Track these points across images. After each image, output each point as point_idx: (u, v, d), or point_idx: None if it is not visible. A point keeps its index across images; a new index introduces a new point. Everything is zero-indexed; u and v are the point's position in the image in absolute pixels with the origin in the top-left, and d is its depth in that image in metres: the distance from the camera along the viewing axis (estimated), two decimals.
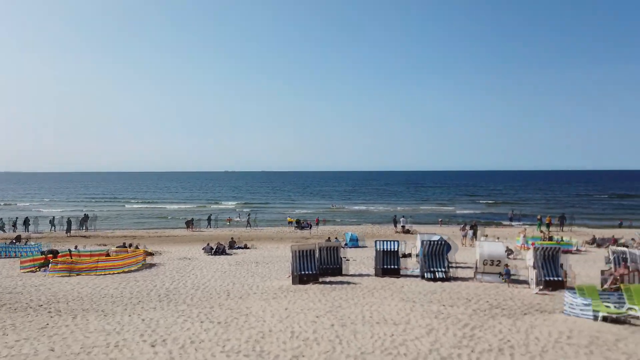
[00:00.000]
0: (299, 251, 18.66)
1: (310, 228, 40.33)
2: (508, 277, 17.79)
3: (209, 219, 46.44)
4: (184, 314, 13.19)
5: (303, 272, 18.24)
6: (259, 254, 27.25)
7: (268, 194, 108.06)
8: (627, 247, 24.42)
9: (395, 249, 20.15)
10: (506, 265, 18.42)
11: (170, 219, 54.55)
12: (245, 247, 30.33)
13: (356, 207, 69.77)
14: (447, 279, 18.47)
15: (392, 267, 19.77)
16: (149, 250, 26.60)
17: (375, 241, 20.79)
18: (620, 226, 42.43)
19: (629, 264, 16.05)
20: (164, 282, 18.54)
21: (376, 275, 19.55)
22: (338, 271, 19.76)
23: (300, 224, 42.34)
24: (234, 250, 28.98)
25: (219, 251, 27.30)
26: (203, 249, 27.99)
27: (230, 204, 76.82)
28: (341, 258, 20.23)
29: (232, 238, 32.11)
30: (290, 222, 44.62)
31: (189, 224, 42.19)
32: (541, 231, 35.75)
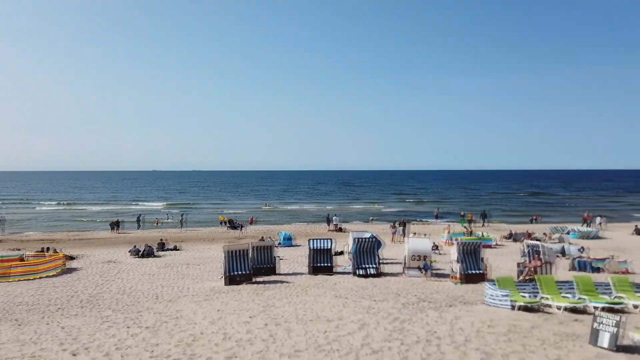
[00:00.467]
0: (232, 251, 18.37)
1: (241, 228, 39.74)
2: (427, 270, 18.61)
3: (138, 220, 44.45)
4: (109, 319, 12.52)
5: (236, 273, 17.98)
6: (190, 256, 26.47)
7: (198, 193, 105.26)
8: (539, 240, 26.44)
9: (328, 247, 20.41)
10: (424, 258, 19.28)
11: (89, 221, 51.43)
12: (175, 248, 29.34)
13: (289, 207, 69.84)
14: (378, 274, 18.98)
15: (325, 264, 20.02)
16: (69, 254, 24.98)
17: (309, 240, 20.91)
18: (532, 222, 45.79)
19: (541, 256, 17.35)
20: (87, 287, 17.49)
21: (310, 273, 19.69)
22: (272, 270, 19.67)
23: (232, 224, 41.65)
24: (164, 252, 27.94)
25: (147, 253, 26.21)
26: (129, 251, 26.74)
27: (157, 205, 73.92)
28: (275, 257, 20.16)
29: (161, 239, 30.94)
30: (222, 222, 43.79)
31: (114, 225, 40.12)
32: (465, 227, 37.79)
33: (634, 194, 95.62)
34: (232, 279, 17.77)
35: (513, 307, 12.57)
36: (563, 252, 24.51)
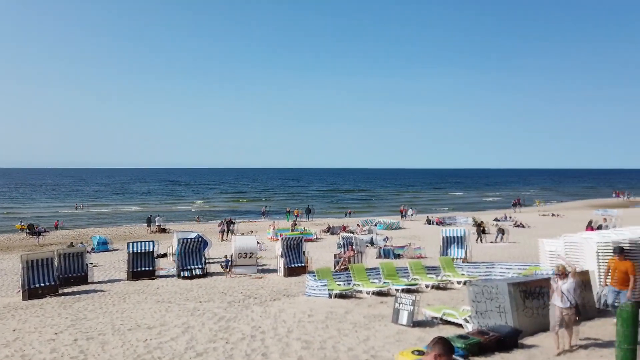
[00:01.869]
0: (32, 261, 16.06)
1: (39, 236, 34.29)
2: (227, 267, 19.08)
3: None
4: None
5: (37, 285, 15.77)
6: None
7: None
8: (353, 233, 29.17)
9: (150, 250, 19.33)
10: (225, 256, 19.86)
11: None
12: None
13: (104, 209, 63.66)
14: (204, 275, 18.66)
15: (147, 268, 18.91)
16: None
17: (128, 243, 19.49)
18: (347, 216, 50.30)
19: (354, 247, 19.18)
20: None
21: (129, 279, 18.36)
22: (83, 279, 17.80)
23: (33, 230, 36.18)
24: None
25: None
26: None
27: None
28: (87, 264, 18.29)
29: None
30: (21, 229, 37.76)
31: None
32: (294, 223, 39.53)
33: (434, 190, 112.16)
34: (32, 293, 15.53)
35: (330, 296, 13.63)
36: (372, 242, 27.47)
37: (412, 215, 46.63)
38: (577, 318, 8.21)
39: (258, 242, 25.88)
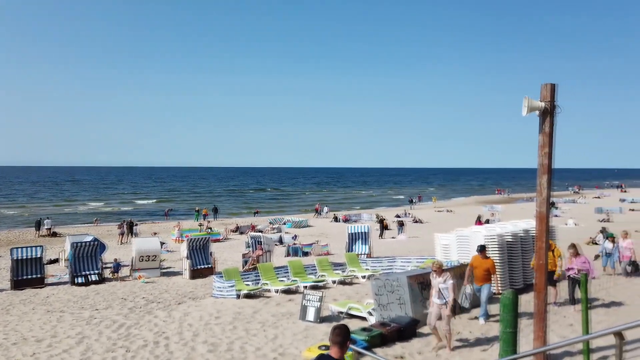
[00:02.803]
0: None
1: None
2: (117, 271, 18.34)
3: None
4: None
5: None
6: None
7: None
8: (262, 232, 29.10)
9: (38, 256, 17.68)
10: (115, 259, 19.13)
11: None
12: None
13: None
14: (101, 280, 17.49)
15: (34, 276, 17.25)
16: None
17: (11, 249, 17.67)
18: (255, 215, 50.01)
19: (263, 246, 19.14)
20: None
21: (12, 288, 16.63)
22: None
23: None
24: None
25: None
26: None
27: None
28: None
29: None
30: None
31: None
32: (201, 223, 38.35)
33: (345, 188, 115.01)
34: None
35: (238, 296, 13.48)
36: (280, 241, 27.61)
37: (326, 212, 47.63)
38: (453, 315, 8.28)
39: (163, 244, 24.81)
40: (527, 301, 10.50)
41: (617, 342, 5.20)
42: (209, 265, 18.60)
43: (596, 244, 18.45)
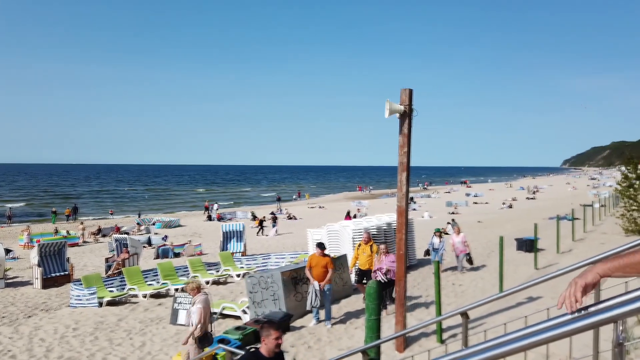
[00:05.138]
0: None
1: None
2: None
3: None
4: None
5: None
6: None
7: None
8: (128, 234, 27.20)
9: None
10: None
11: None
12: None
13: None
14: None
15: None
16: None
17: None
18: (110, 215, 46.63)
19: (129, 249, 17.89)
20: None
21: None
22: None
23: None
24: None
25: None
26: None
27: None
28: None
29: None
30: None
31: None
32: (56, 229, 34.35)
33: (218, 186, 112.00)
34: None
35: (101, 304, 12.47)
36: (149, 242, 26.10)
37: (217, 209, 46.24)
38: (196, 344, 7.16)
39: (9, 251, 21.93)
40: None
41: (463, 321, 5.92)
42: (66, 272, 16.84)
43: (447, 233, 20.58)
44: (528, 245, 15.55)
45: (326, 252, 9.95)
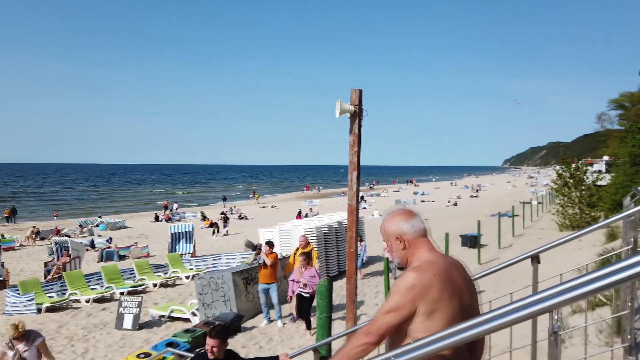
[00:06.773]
0: None
1: None
2: None
3: None
4: None
5: None
6: None
7: None
8: (69, 236, 25.93)
9: None
10: None
11: None
12: None
13: None
14: None
15: None
16: None
17: None
18: (55, 218, 44.35)
19: (70, 252, 17.08)
20: None
21: None
22: None
23: None
24: None
25: None
26: None
27: None
28: None
29: None
30: None
31: None
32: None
33: (166, 185, 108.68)
34: None
35: (39, 311, 11.83)
36: (92, 245, 25.01)
37: (176, 209, 44.92)
38: None
39: None
40: (340, 286, 11.50)
41: None
42: (1, 278, 15.84)
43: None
44: (472, 241, 16.19)
45: (274, 250, 9.96)
